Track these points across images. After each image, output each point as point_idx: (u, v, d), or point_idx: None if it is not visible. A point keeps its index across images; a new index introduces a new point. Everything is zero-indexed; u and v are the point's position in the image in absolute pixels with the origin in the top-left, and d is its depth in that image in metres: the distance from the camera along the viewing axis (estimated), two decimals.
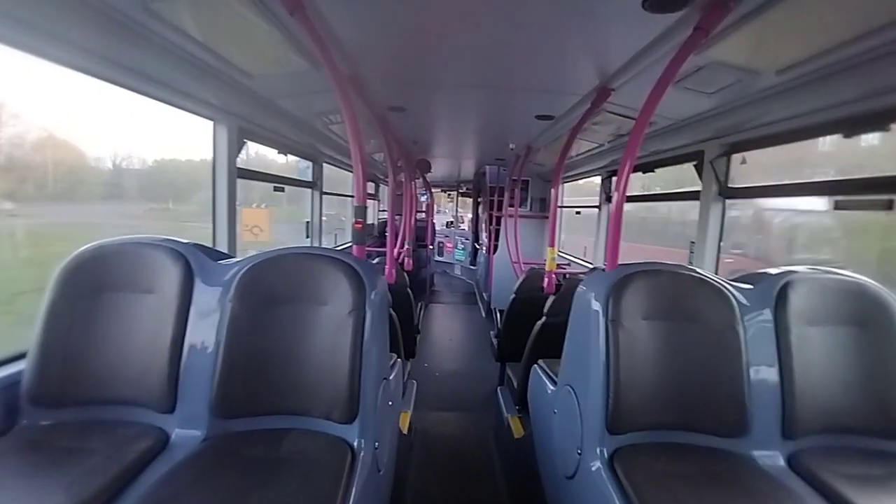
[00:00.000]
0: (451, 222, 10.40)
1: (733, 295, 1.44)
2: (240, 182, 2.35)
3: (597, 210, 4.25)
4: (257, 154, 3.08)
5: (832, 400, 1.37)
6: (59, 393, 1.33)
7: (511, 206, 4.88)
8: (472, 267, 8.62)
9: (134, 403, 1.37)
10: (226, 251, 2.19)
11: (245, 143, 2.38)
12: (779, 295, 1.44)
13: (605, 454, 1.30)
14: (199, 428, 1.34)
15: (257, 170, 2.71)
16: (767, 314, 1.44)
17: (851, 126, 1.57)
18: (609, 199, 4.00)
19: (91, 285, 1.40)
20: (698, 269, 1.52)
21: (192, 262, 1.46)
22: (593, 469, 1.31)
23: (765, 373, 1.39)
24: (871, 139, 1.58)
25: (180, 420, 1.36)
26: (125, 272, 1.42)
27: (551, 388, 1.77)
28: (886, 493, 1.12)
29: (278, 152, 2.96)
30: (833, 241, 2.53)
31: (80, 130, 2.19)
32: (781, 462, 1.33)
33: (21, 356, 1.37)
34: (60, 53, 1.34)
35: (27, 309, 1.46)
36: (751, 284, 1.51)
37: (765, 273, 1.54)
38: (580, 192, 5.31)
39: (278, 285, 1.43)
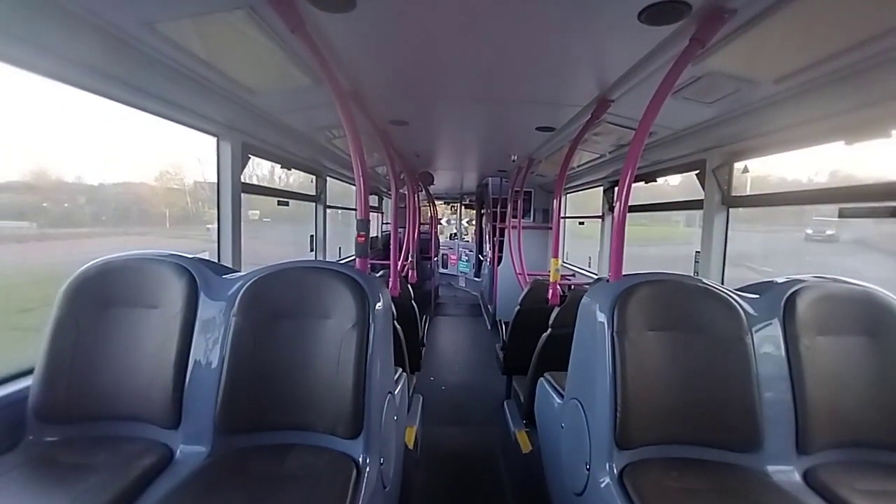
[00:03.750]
0: (455, 234, 10.40)
1: (740, 305, 1.42)
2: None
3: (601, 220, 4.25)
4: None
5: (847, 413, 1.33)
6: (65, 409, 1.33)
7: (514, 217, 4.88)
8: (476, 279, 8.59)
9: (139, 419, 1.36)
10: (230, 265, 2.20)
11: (249, 158, 2.41)
12: (786, 304, 1.42)
13: (615, 470, 1.27)
14: (204, 444, 1.33)
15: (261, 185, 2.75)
16: (776, 324, 1.41)
17: (853, 133, 1.56)
18: (611, 210, 4.00)
19: (97, 301, 1.40)
20: (703, 279, 1.51)
21: (197, 276, 1.47)
22: (602, 485, 1.28)
23: (776, 385, 1.36)
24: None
25: (185, 436, 1.35)
26: (131, 287, 1.43)
27: (558, 401, 1.75)
28: None
29: (281, 167, 2.99)
30: None
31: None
32: (797, 478, 1.29)
33: (28, 372, 1.38)
34: (66, 72, 1.37)
35: None
36: (757, 294, 1.50)
37: (771, 282, 1.52)
38: (587, 202, 5.28)
39: (282, 299, 1.43)
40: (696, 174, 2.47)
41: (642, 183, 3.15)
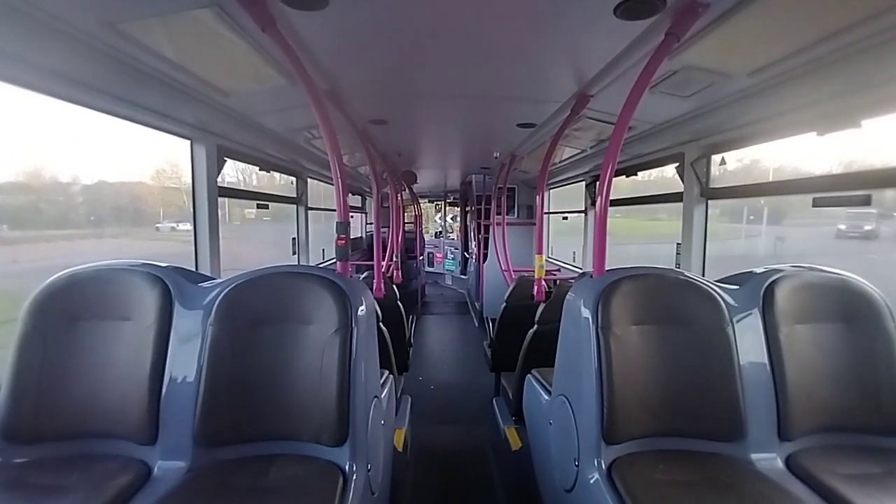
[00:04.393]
0: (440, 232, 10.38)
1: (721, 296, 1.44)
2: None
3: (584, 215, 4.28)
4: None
5: (826, 399, 1.36)
6: (35, 429, 1.27)
7: (498, 214, 4.89)
8: (462, 276, 8.59)
9: (114, 436, 1.31)
10: (208, 273, 2.14)
11: (225, 161, 2.34)
12: (765, 294, 1.44)
13: (603, 465, 1.28)
14: (183, 459, 1.29)
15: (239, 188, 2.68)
16: (756, 314, 1.44)
17: (824, 124, 1.60)
18: (594, 204, 4.03)
19: (65, 314, 1.34)
20: (685, 272, 1.52)
21: (171, 285, 1.42)
22: (591, 481, 1.28)
23: (757, 374, 1.38)
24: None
25: (163, 451, 1.30)
26: (100, 299, 1.37)
27: (545, 398, 1.75)
28: (885, 491, 1.11)
29: (259, 169, 2.92)
30: None
31: None
32: (780, 464, 1.32)
33: None
34: (24, 76, 1.30)
35: None
36: (737, 285, 1.52)
37: (750, 272, 1.55)
38: (571, 197, 5.26)
39: (261, 306, 1.39)
40: (676, 167, 2.50)
41: (627, 176, 3.18)
